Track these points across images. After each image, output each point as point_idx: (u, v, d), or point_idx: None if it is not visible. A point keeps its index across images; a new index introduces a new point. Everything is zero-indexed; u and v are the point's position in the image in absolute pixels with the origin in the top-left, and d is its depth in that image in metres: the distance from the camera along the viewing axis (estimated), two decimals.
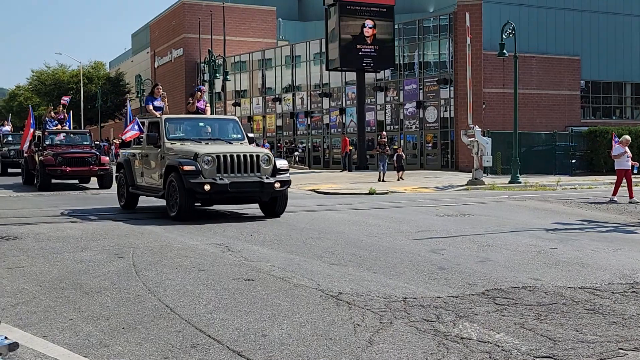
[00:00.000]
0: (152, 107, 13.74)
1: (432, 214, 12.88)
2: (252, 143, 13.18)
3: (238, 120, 14.11)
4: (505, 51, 24.55)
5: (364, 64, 35.62)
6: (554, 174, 29.50)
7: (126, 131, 13.72)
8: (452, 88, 36.49)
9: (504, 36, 24.59)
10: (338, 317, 5.32)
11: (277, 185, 11.66)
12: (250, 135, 13.39)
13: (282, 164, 12.22)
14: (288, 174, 12.21)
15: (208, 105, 14.59)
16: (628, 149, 16.18)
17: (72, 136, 22.12)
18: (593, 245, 9.04)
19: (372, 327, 5.05)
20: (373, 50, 35.63)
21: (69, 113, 25.86)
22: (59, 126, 22.83)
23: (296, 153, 43.38)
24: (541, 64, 37.61)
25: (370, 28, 35.64)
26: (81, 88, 59.96)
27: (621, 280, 6.78)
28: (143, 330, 5.00)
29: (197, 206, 12.28)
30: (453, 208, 14.25)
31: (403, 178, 25.37)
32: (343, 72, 40.18)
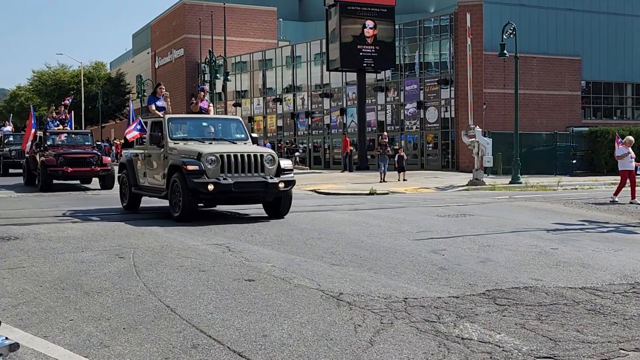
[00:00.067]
0: (155, 107, 13.67)
1: (433, 215, 12.88)
2: (256, 143, 13.10)
3: (241, 120, 14.02)
4: (505, 51, 24.54)
5: (365, 65, 35.64)
6: (555, 175, 29.50)
7: (129, 131, 13.65)
8: (453, 88, 36.49)
9: (505, 36, 24.59)
10: (339, 318, 5.32)
11: (282, 185, 11.58)
12: (253, 135, 13.32)
13: (286, 164, 12.14)
14: (292, 174, 12.13)
15: (211, 105, 14.55)
16: (631, 150, 16.19)
17: (74, 136, 22.08)
18: (594, 245, 9.03)
19: (373, 328, 5.05)
20: (374, 50, 35.65)
21: (71, 113, 25.84)
22: (61, 126, 22.79)
23: (297, 153, 43.37)
24: (542, 65, 37.61)
25: (371, 28, 35.66)
26: (82, 88, 60.00)
27: (622, 280, 6.78)
28: (144, 330, 5.00)
29: (200, 207, 12.21)
30: (454, 208, 14.25)
31: (406, 179, 25.35)
32: (344, 73, 40.20)
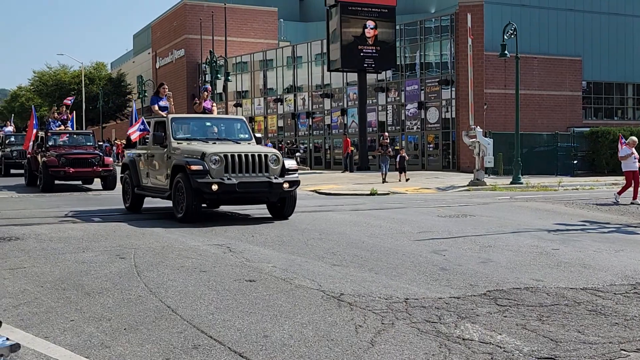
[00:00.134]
0: (158, 107, 13.60)
1: (434, 215, 12.87)
2: (260, 143, 13.01)
3: (245, 120, 13.93)
4: (506, 52, 24.52)
5: (366, 65, 35.65)
6: (556, 175, 29.48)
7: (132, 132, 13.50)
8: (454, 89, 36.48)
9: (506, 37, 24.58)
10: (340, 318, 5.31)
11: (286, 185, 11.47)
12: (257, 135, 13.24)
13: (291, 164, 12.05)
14: (297, 174, 12.03)
15: (215, 105, 14.48)
16: (635, 150, 16.15)
17: (75, 137, 22.01)
18: (595, 246, 9.02)
19: (374, 328, 5.04)
20: (374, 51, 35.66)
21: (72, 114, 25.83)
22: (62, 127, 22.74)
23: (297, 154, 43.36)
24: (543, 65, 37.59)
25: (371, 29, 35.67)
26: (82, 89, 60.04)
27: (623, 281, 6.77)
28: (144, 331, 5.00)
29: (203, 207, 12.13)
30: (454, 209, 14.24)
31: (408, 179, 25.30)
32: (344, 73, 40.18)
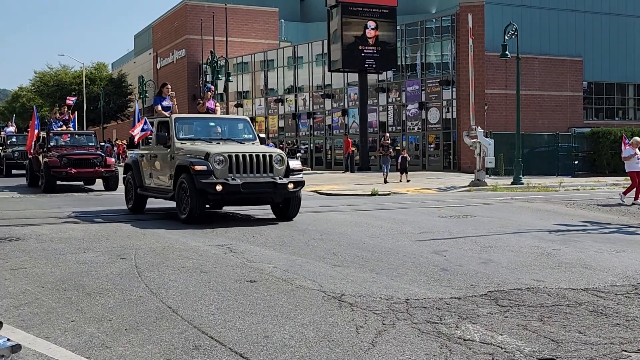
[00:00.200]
0: (161, 107, 13.53)
1: (435, 215, 12.86)
2: (264, 143, 12.91)
3: (249, 120, 13.85)
4: (507, 52, 24.49)
5: (367, 65, 35.65)
6: (557, 175, 29.46)
7: (135, 132, 13.42)
8: (455, 89, 36.47)
9: (507, 37, 24.56)
10: (340, 319, 5.31)
11: (291, 186, 11.41)
12: (261, 135, 13.16)
13: (296, 165, 11.99)
14: (301, 175, 11.95)
15: (218, 105, 14.44)
16: (638, 151, 16.09)
17: (77, 137, 21.94)
18: (596, 246, 9.02)
19: (375, 329, 5.04)
20: (375, 51, 35.65)
21: (74, 114, 25.81)
22: (64, 127, 22.69)
23: (298, 154, 43.36)
24: (543, 65, 37.57)
25: (372, 29, 35.67)
26: (83, 89, 60.10)
27: (624, 281, 6.76)
28: (145, 331, 4.99)
29: (206, 208, 12.07)
30: (455, 209, 14.23)
31: (409, 180, 25.26)
32: (345, 73, 40.19)
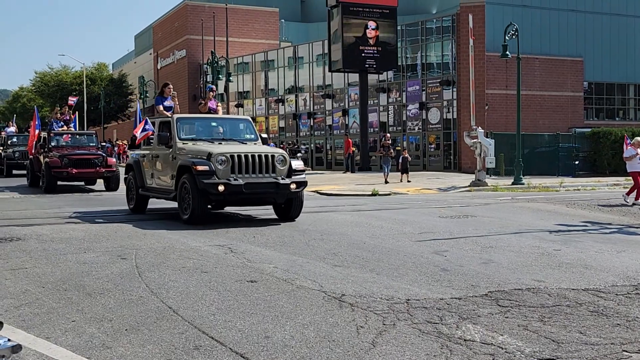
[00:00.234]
0: (163, 107, 13.49)
1: (435, 216, 12.86)
2: (266, 144, 12.88)
3: (251, 120, 13.80)
4: (508, 52, 24.50)
5: (367, 65, 35.65)
6: (557, 176, 29.45)
7: (139, 132, 13.32)
8: (455, 89, 36.47)
9: (507, 37, 24.55)
10: (341, 319, 5.31)
11: (293, 186, 11.36)
12: (263, 135, 13.12)
13: (298, 165, 11.95)
14: (304, 175, 11.91)
15: (220, 105, 14.41)
16: None
17: (78, 137, 21.92)
18: (596, 246, 9.01)
19: (375, 329, 5.04)
20: (376, 51, 35.66)
21: (75, 114, 25.80)
22: (65, 127, 22.65)
23: (299, 154, 43.38)
24: (544, 65, 37.56)
25: (373, 29, 35.67)
26: (84, 89, 60.13)
27: (625, 282, 6.76)
28: (146, 332, 4.99)
29: (208, 208, 12.00)
30: (456, 209, 14.23)
31: (410, 180, 25.22)
32: (346, 74, 40.20)
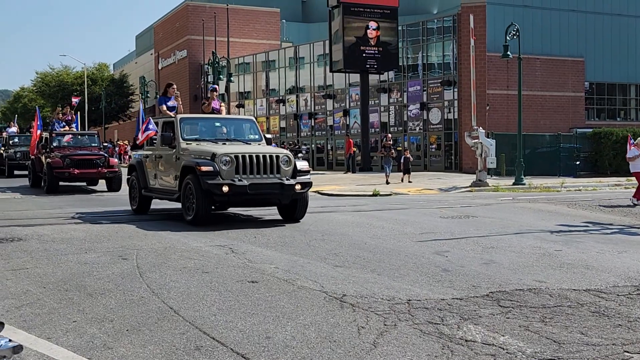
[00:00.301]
0: (166, 107, 13.40)
1: (436, 216, 12.86)
2: (270, 144, 12.81)
3: (255, 120, 13.73)
4: (509, 53, 24.50)
5: (368, 66, 35.65)
6: (558, 176, 29.42)
7: (142, 132, 13.28)
8: (456, 89, 36.46)
9: (508, 38, 24.55)
10: (342, 319, 5.31)
11: (298, 187, 11.27)
12: (267, 135, 13.06)
13: (303, 165, 11.85)
14: (309, 176, 11.81)
15: (223, 105, 14.33)
16: None
17: (80, 138, 21.86)
18: (598, 247, 9.01)
19: (376, 330, 5.03)
20: (377, 51, 35.66)
21: (77, 114, 25.79)
22: (67, 127, 22.62)
23: (300, 155, 43.37)
24: (545, 66, 37.55)
25: (374, 30, 35.67)
26: (85, 90, 60.16)
27: (626, 282, 6.75)
28: (147, 332, 4.99)
29: (212, 209, 11.92)
30: (457, 210, 14.22)
31: (411, 181, 25.16)
32: (347, 74, 40.19)
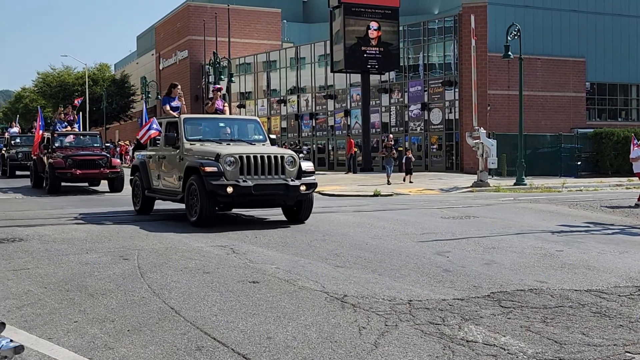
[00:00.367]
0: (170, 108, 13.31)
1: (437, 216, 12.85)
2: (274, 145, 12.70)
3: (259, 120, 13.63)
4: (510, 53, 24.50)
5: (369, 66, 35.65)
6: (560, 176, 29.41)
7: (145, 132, 13.24)
8: (457, 90, 36.45)
9: (509, 38, 24.54)
10: (343, 320, 5.30)
11: (303, 188, 11.15)
12: (272, 136, 12.96)
13: (308, 166, 11.74)
14: (314, 177, 11.69)
15: (227, 105, 14.28)
16: None
17: (82, 138, 21.79)
18: (599, 247, 9.00)
19: (378, 330, 5.03)
20: (378, 52, 35.66)
21: (78, 115, 25.77)
22: (69, 128, 22.60)
23: (301, 155, 43.41)
24: (546, 66, 37.54)
25: (375, 30, 35.67)
26: (86, 90, 60.20)
27: (628, 283, 6.75)
28: (148, 332, 4.99)
29: (216, 210, 11.80)
30: (458, 210, 14.22)
31: (412, 181, 25.12)
32: (348, 74, 40.18)
